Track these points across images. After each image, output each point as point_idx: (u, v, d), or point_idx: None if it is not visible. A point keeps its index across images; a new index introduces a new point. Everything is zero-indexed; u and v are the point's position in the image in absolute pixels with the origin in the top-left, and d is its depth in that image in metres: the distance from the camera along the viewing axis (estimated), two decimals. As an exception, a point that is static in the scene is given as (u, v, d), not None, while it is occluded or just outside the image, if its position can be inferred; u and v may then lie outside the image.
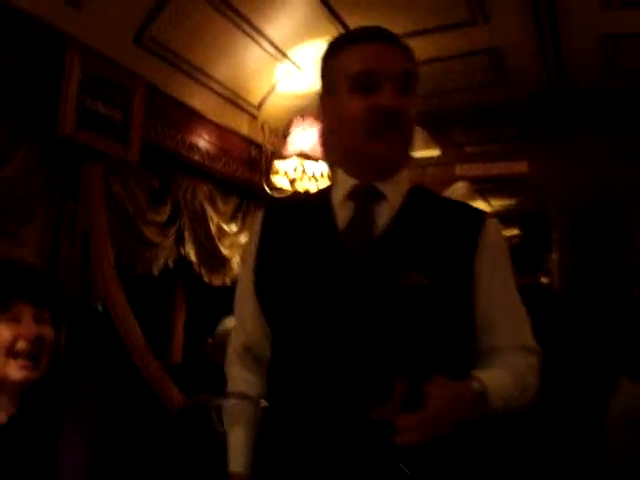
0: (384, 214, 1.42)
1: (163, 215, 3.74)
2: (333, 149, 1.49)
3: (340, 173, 1.49)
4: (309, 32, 4.05)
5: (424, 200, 1.49)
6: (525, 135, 5.55)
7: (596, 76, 4.88)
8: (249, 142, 4.44)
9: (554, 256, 5.34)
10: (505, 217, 8.41)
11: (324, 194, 1.51)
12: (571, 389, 3.49)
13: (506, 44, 4.40)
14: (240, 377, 1.57)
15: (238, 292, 1.60)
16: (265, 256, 1.50)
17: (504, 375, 1.36)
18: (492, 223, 1.45)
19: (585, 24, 4.17)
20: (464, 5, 3.85)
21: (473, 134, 5.69)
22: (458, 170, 5.32)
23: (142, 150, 3.37)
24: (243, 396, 1.55)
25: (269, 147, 4.53)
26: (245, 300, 1.55)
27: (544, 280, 5.67)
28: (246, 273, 1.55)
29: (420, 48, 1.41)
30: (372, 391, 1.25)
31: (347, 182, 1.46)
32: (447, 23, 4.05)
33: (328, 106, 1.46)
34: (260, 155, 4.49)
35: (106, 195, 3.25)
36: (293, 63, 4.27)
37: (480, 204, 8.10)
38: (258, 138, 4.51)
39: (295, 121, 4.23)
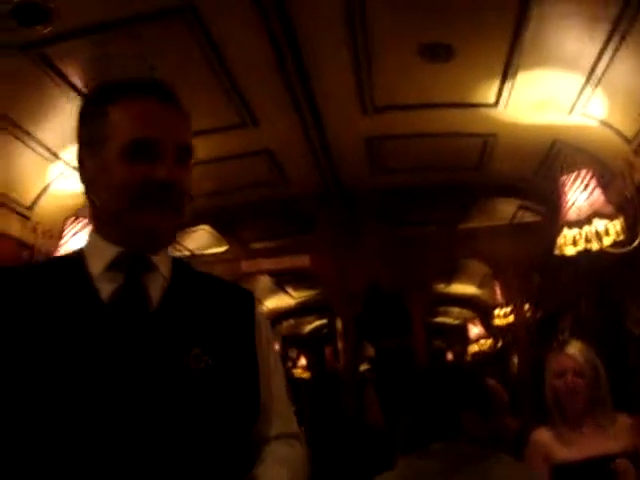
0: (157, 287, 1.24)
1: None
2: (91, 209, 1.29)
3: (96, 239, 1.27)
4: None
5: (190, 273, 1.36)
6: (306, 230, 5.84)
7: (365, 175, 5.26)
8: (20, 244, 4.28)
9: (339, 344, 5.55)
10: (308, 307, 8.69)
11: (72, 263, 1.25)
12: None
13: (278, 146, 4.67)
14: None
15: None
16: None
17: (280, 471, 1.26)
18: (258, 303, 1.43)
19: (348, 128, 4.53)
20: (234, 109, 4.06)
21: (257, 231, 5.90)
22: (244, 266, 5.45)
23: None
24: None
25: (42, 249, 4.38)
26: None
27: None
28: None
29: (199, 148, 1.32)
30: None
31: (108, 249, 1.23)
32: (220, 126, 4.25)
33: (89, 160, 1.25)
34: (32, 257, 4.33)
35: None
36: (66, 163, 4.23)
37: (282, 296, 8.31)
38: (30, 239, 4.36)
39: (68, 222, 4.14)
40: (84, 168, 1.27)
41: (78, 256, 1.27)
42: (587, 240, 3.58)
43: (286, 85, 3.85)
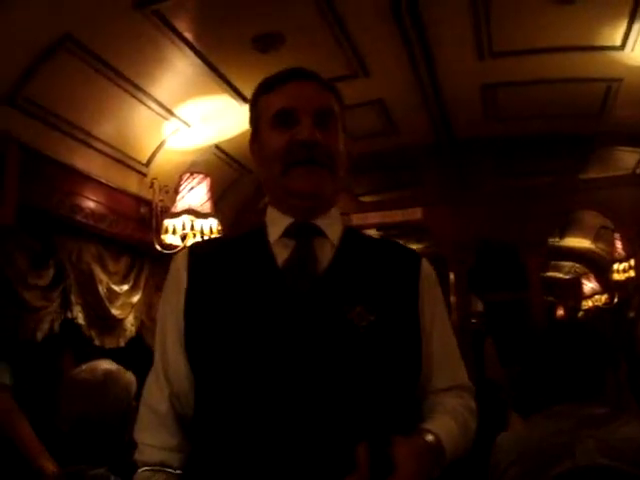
0: (325, 251, 1.38)
1: (46, 278, 3.62)
2: (265, 190, 1.48)
3: (273, 212, 1.44)
4: (195, 90, 4.10)
5: (359, 239, 1.48)
6: (418, 183, 5.71)
7: (479, 125, 5.08)
8: (138, 200, 4.39)
9: (452, 298, 5.45)
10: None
11: (257, 234, 1.44)
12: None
13: (389, 96, 4.56)
14: (158, 444, 1.36)
15: (158, 345, 1.42)
16: (196, 303, 1.36)
17: (449, 422, 1.34)
18: (425, 261, 1.47)
19: (464, 75, 4.36)
20: (344, 60, 3.97)
21: (368, 183, 5.82)
22: (355, 220, 5.39)
23: (20, 212, 3.27)
24: (161, 466, 1.34)
25: (159, 204, 4.49)
26: (168, 352, 1.39)
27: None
28: (170, 323, 1.39)
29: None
30: (328, 453, 1.18)
31: (282, 220, 1.41)
32: (330, 77, 4.16)
33: (256, 150, 1.46)
34: (150, 213, 4.44)
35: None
36: (181, 120, 4.28)
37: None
38: (148, 195, 4.47)
39: (184, 178, 4.21)
40: (255, 160, 1.48)
41: (261, 226, 1.45)
42: None
43: (400, 32, 3.71)
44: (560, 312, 10.80)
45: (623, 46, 3.89)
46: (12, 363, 3.19)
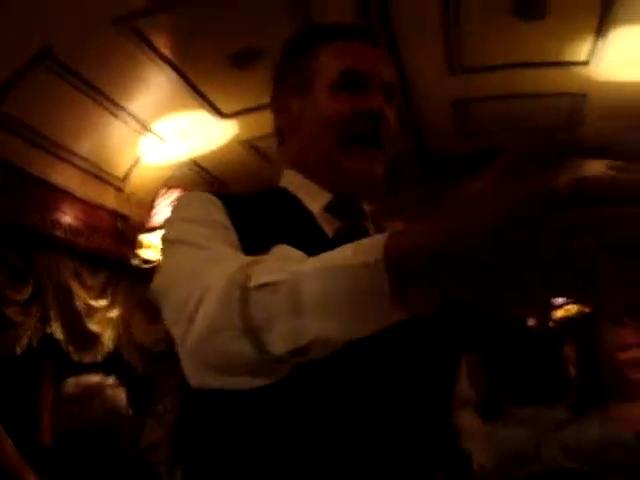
0: (373, 232, 1.17)
1: (24, 293, 3.63)
2: (293, 154, 1.23)
3: (303, 179, 1.20)
4: (172, 106, 4.13)
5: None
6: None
7: (451, 139, 5.18)
8: (116, 215, 4.42)
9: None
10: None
11: (287, 199, 1.18)
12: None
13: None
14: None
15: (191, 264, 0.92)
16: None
17: None
18: None
19: (435, 90, 4.46)
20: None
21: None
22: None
23: (-1, 228, 3.29)
24: None
25: (137, 219, 4.50)
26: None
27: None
28: (219, 232, 1.01)
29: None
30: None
31: (320, 192, 1.18)
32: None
33: (296, 103, 1.20)
34: (128, 227, 4.46)
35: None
36: (157, 135, 4.32)
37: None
38: (125, 210, 4.49)
39: (160, 192, 4.24)
40: (290, 112, 1.21)
41: (287, 193, 1.20)
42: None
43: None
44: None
45: (588, 62, 4.01)
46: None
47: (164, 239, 1.03)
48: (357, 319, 0.68)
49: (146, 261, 4.34)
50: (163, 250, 1.02)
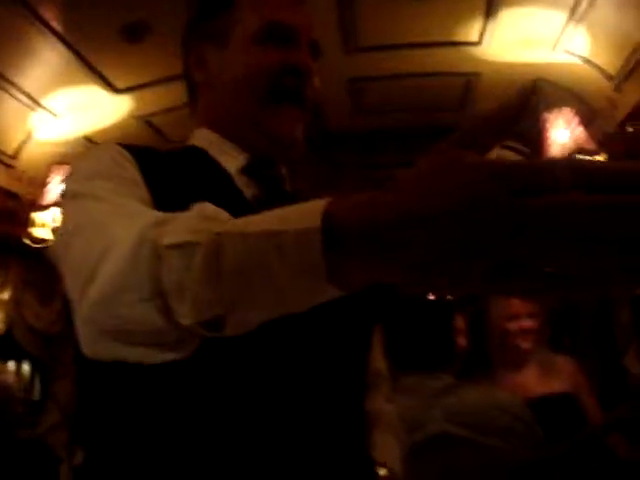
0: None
1: None
2: (207, 112, 1.13)
3: (217, 138, 1.10)
4: (63, 81, 4.02)
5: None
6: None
7: (346, 118, 5.26)
8: (6, 193, 4.27)
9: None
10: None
11: (202, 157, 1.08)
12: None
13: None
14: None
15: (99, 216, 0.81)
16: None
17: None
18: None
19: (330, 69, 4.50)
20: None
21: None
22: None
23: None
24: None
25: (28, 197, 4.37)
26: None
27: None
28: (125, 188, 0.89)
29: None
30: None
31: (235, 152, 1.08)
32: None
33: (214, 55, 1.10)
34: (19, 206, 4.33)
35: None
36: (49, 111, 4.19)
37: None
38: (16, 188, 4.35)
39: (53, 169, 4.13)
40: (206, 65, 1.11)
41: (201, 151, 1.09)
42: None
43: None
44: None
45: (480, 42, 4.15)
46: None
47: (65, 194, 0.91)
48: (282, 295, 0.60)
49: (38, 240, 4.22)
50: (63, 206, 0.90)
